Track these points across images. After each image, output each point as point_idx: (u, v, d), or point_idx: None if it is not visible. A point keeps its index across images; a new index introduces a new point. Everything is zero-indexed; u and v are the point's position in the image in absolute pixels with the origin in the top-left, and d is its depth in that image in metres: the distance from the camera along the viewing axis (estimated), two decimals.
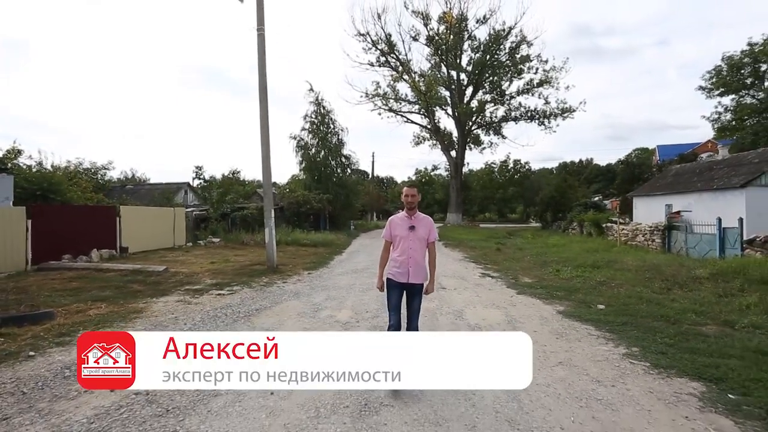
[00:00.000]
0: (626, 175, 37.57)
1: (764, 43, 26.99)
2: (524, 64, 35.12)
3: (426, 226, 3.81)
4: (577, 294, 7.72)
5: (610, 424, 2.99)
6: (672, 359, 4.24)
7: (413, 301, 3.80)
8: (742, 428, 2.91)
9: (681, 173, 23.82)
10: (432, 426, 2.95)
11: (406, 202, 3.78)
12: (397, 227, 3.80)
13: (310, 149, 29.90)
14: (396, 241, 3.79)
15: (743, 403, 3.26)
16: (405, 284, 3.75)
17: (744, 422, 2.99)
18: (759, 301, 6.29)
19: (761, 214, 15.59)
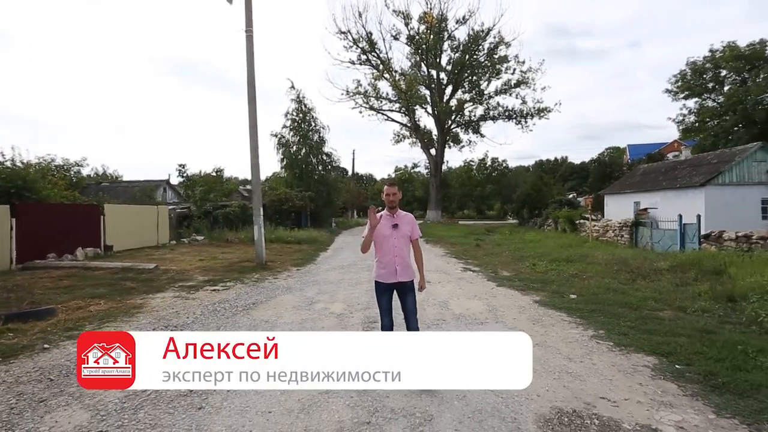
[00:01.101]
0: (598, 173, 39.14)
1: (724, 50, 28.58)
2: (502, 65, 36.08)
3: (408, 224, 3.79)
4: (551, 285, 8.36)
5: (578, 391, 3.53)
6: (632, 339, 4.85)
7: (407, 301, 3.72)
8: (684, 390, 3.50)
9: (648, 172, 25.09)
10: (417, 394, 3.40)
11: (387, 200, 3.73)
12: (381, 227, 3.70)
13: (292, 147, 30.02)
14: (379, 240, 3.71)
15: (686, 371, 3.86)
16: (394, 284, 3.69)
17: (685, 385, 3.59)
18: (709, 289, 7.04)
19: (718, 210, 16.81)
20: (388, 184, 3.79)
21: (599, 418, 3.06)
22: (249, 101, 11.24)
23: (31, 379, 3.84)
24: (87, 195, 22.75)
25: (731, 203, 17.22)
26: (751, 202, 17.28)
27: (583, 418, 3.07)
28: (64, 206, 14.24)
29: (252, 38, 11.14)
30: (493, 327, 5.56)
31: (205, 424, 3.00)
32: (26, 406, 3.30)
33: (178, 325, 5.62)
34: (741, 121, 27.52)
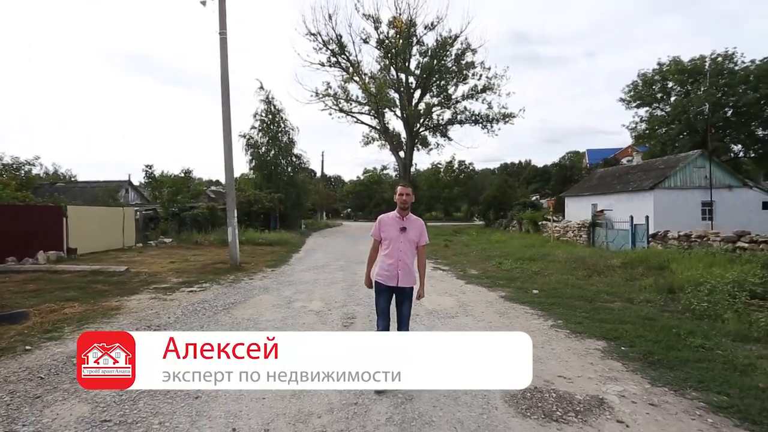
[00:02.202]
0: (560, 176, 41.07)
1: (670, 63, 30.78)
2: (469, 71, 37.13)
3: (417, 228, 3.70)
4: (516, 282, 8.96)
5: (539, 372, 3.98)
6: (586, 327, 5.42)
7: (403, 307, 3.70)
8: (627, 367, 4.06)
9: (604, 176, 26.67)
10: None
11: (400, 201, 3.63)
12: (388, 227, 3.66)
13: (260, 148, 29.80)
14: (386, 242, 3.65)
15: (630, 352, 4.44)
16: (394, 288, 3.63)
17: (628, 363, 4.15)
18: (653, 283, 7.81)
19: (665, 212, 18.21)
20: (402, 185, 3.70)
21: (556, 392, 3.53)
22: (223, 103, 11.28)
23: (20, 378, 3.91)
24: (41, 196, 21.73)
25: (676, 205, 18.70)
26: (692, 204, 18.83)
27: (543, 392, 3.53)
28: (24, 208, 13.71)
29: (226, 41, 11.19)
30: (463, 320, 6.01)
31: (204, 410, 3.24)
32: (22, 402, 3.41)
33: (160, 325, 5.72)
34: (685, 130, 29.72)
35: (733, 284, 6.50)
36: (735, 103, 28.36)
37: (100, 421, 3.06)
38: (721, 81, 28.78)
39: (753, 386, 3.48)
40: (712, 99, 27.97)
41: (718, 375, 3.74)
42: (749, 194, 19.25)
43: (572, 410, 3.23)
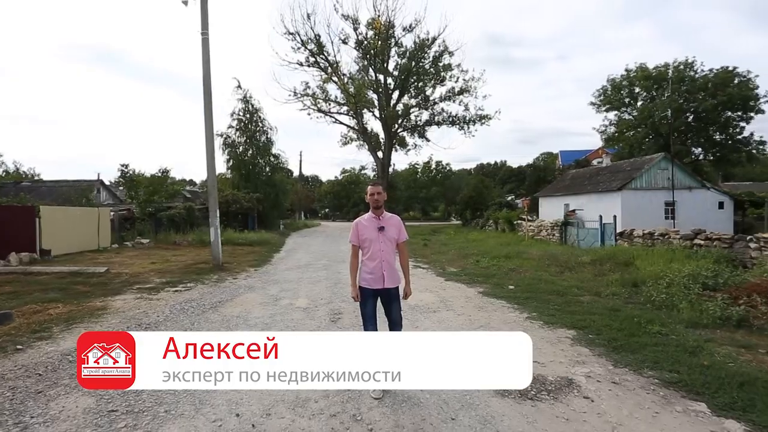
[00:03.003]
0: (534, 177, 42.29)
1: (636, 70, 32.24)
2: (446, 72, 37.78)
3: (395, 226, 3.64)
4: (493, 278, 9.39)
5: None
6: (557, 318, 5.86)
7: (392, 309, 3.62)
8: (593, 352, 4.48)
9: (576, 177, 27.71)
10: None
11: (372, 201, 3.55)
12: (365, 230, 3.57)
13: (238, 147, 29.57)
14: (365, 245, 3.56)
15: (596, 339, 4.87)
16: (380, 290, 3.55)
17: (594, 349, 4.58)
18: (619, 278, 8.37)
19: (632, 211, 19.18)
20: (372, 184, 3.63)
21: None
22: (205, 104, 11.30)
23: (18, 375, 3.99)
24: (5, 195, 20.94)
25: (642, 205, 19.72)
26: (656, 204, 19.90)
27: None
28: None
29: (208, 41, 11.22)
30: (444, 314, 6.35)
31: (207, 399, 3.44)
32: (25, 397, 3.52)
33: (150, 323, 5.83)
34: (650, 133, 31.19)
35: (688, 277, 7.09)
36: (695, 109, 29.99)
37: (108, 411, 3.23)
38: (682, 88, 30.36)
39: (699, 364, 3.94)
40: (674, 105, 29.47)
41: (671, 356, 4.20)
42: (707, 195, 20.48)
43: (545, 390, 3.60)
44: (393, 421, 3.07)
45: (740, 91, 28.47)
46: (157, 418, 3.12)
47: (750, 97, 28.44)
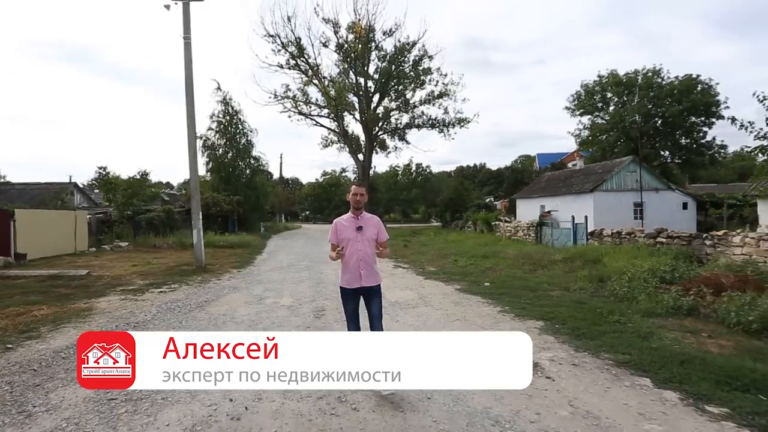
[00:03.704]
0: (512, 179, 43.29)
1: (608, 76, 33.55)
2: (426, 76, 38.36)
3: (374, 226, 3.70)
4: (470, 276, 9.82)
5: None
6: (528, 311, 6.29)
7: (372, 305, 3.66)
8: (558, 339, 4.90)
9: (552, 179, 28.63)
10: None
11: (354, 201, 3.63)
12: (344, 229, 3.64)
13: (218, 150, 29.43)
14: (343, 244, 3.62)
15: (562, 329, 5.31)
16: (359, 289, 3.62)
17: (559, 337, 5.01)
18: (588, 274, 8.90)
19: (603, 212, 20.02)
20: (356, 184, 3.71)
21: None
22: (187, 107, 11.39)
23: (13, 371, 4.13)
24: None
25: (612, 206, 20.59)
26: (626, 205, 20.84)
27: None
28: None
29: (190, 45, 11.33)
30: (423, 310, 6.70)
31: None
32: (24, 390, 3.69)
33: (139, 322, 5.98)
34: (621, 137, 32.45)
35: (648, 272, 7.66)
36: (663, 114, 31.40)
37: (107, 400, 3.44)
38: (651, 94, 31.77)
39: (649, 347, 4.40)
40: (643, 110, 30.81)
41: (626, 341, 4.66)
42: (672, 196, 21.55)
43: None
44: (375, 402, 3.38)
45: (703, 98, 30.00)
46: (155, 404, 3.35)
47: (712, 103, 29.99)
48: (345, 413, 3.19)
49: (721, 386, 3.44)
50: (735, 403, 3.17)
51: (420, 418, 3.11)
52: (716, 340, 4.70)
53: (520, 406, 3.28)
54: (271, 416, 3.15)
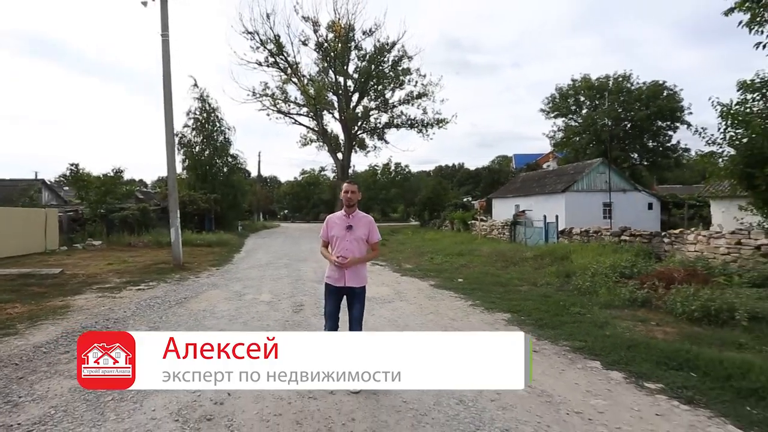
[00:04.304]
0: (489, 179, 44.21)
1: (581, 80, 34.69)
2: (405, 77, 38.76)
3: (365, 226, 3.62)
4: (444, 273, 10.18)
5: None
6: (497, 304, 6.67)
7: (353, 308, 3.62)
8: (522, 329, 5.27)
9: (526, 180, 29.45)
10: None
11: (345, 199, 3.56)
12: (335, 226, 3.59)
13: (194, 147, 29.05)
14: (333, 242, 3.59)
15: (527, 320, 5.70)
16: (343, 288, 3.56)
17: (524, 327, 5.39)
18: (555, 270, 9.39)
19: (574, 212, 20.80)
20: (348, 182, 3.64)
21: None
22: (165, 105, 11.34)
23: (7, 364, 4.19)
24: None
25: (583, 206, 21.44)
26: (596, 205, 21.71)
27: None
28: None
29: (168, 42, 11.27)
30: (398, 304, 6.99)
31: None
32: (7, 382, 3.76)
33: (119, 319, 6.04)
34: (593, 140, 33.64)
35: (609, 268, 8.16)
36: (632, 118, 32.72)
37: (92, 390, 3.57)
38: (621, 98, 33.05)
39: (603, 335, 4.82)
40: (613, 114, 32.04)
41: (583, 330, 5.07)
42: (639, 196, 22.59)
43: None
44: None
45: (668, 104, 31.45)
46: (141, 392, 3.51)
47: (676, 108, 31.47)
48: (322, 396, 3.43)
49: (660, 366, 3.86)
50: (669, 380, 3.58)
51: (391, 399, 3.38)
52: (662, 328, 5.16)
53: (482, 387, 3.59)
54: (252, 400, 3.37)
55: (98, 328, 5.44)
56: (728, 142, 8.89)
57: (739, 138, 8.63)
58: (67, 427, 2.94)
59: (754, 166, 8.30)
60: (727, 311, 5.22)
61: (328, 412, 3.17)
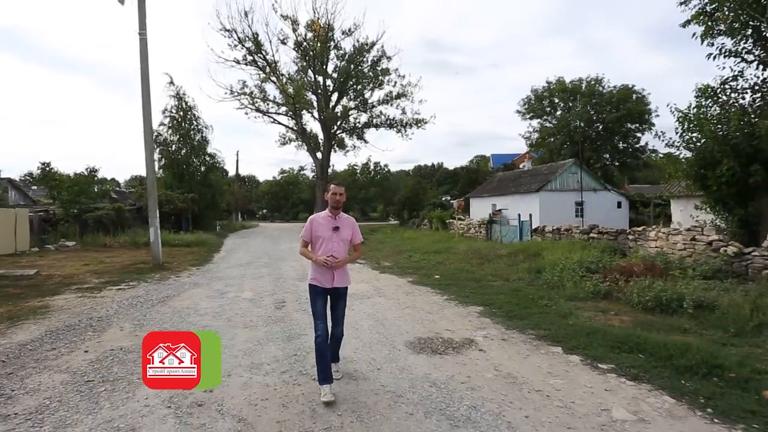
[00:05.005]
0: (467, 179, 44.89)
1: (556, 82, 35.74)
2: (384, 77, 39.05)
3: (350, 227, 3.66)
4: (422, 270, 10.53)
5: (432, 327, 5.39)
6: (471, 299, 7.04)
7: (338, 306, 3.68)
8: (493, 321, 5.65)
9: (503, 179, 30.19)
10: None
11: (333, 200, 3.57)
12: (320, 228, 3.58)
13: (171, 146, 28.63)
14: (317, 243, 3.57)
15: (498, 312, 6.08)
16: (330, 289, 3.60)
17: (495, 319, 5.77)
18: (527, 266, 9.86)
19: (548, 210, 21.54)
20: (336, 184, 3.66)
21: (442, 338, 4.93)
22: (143, 104, 11.29)
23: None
24: None
25: (556, 205, 22.22)
26: (568, 204, 22.54)
27: (433, 339, 4.91)
28: None
29: (146, 41, 11.22)
30: (377, 300, 7.27)
31: None
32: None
33: (102, 317, 6.11)
34: (567, 141, 34.75)
35: (576, 263, 8.67)
36: (603, 120, 33.95)
37: (84, 382, 3.73)
38: (593, 101, 34.24)
39: (566, 324, 5.24)
40: (585, 116, 33.18)
41: (549, 320, 5.48)
42: (608, 196, 23.55)
43: (451, 347, 4.63)
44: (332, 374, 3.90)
45: (637, 106, 32.79)
46: (132, 384, 3.69)
47: (644, 111, 32.84)
48: (306, 383, 3.69)
49: (613, 350, 4.28)
50: (620, 361, 4.00)
51: (371, 384, 3.66)
52: (620, 317, 5.62)
53: (454, 372, 3.92)
54: (240, 388, 3.59)
55: (82, 327, 5.52)
56: (684, 145, 9.54)
57: (694, 141, 9.28)
58: (64, 415, 3.10)
59: (707, 168, 8.95)
60: (676, 301, 5.72)
61: (312, 396, 3.43)
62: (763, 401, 3.11)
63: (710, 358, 3.80)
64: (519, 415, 3.08)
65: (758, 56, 8.68)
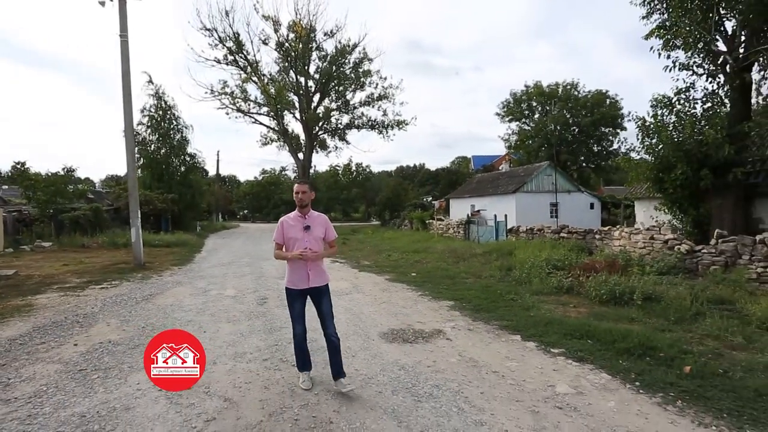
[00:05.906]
0: (447, 180, 45.68)
1: (534, 86, 36.76)
2: (366, 79, 39.43)
3: (321, 225, 3.62)
4: (400, 269, 10.94)
5: (405, 320, 5.79)
6: (444, 294, 7.47)
7: (322, 305, 3.58)
8: (462, 314, 6.09)
9: (482, 181, 30.91)
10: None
11: (297, 200, 3.53)
12: (291, 228, 3.54)
13: (150, 145, 28.37)
14: (290, 244, 3.52)
15: (467, 306, 6.52)
16: (307, 290, 3.53)
17: (463, 311, 6.20)
18: (500, 264, 10.37)
19: (524, 211, 22.26)
20: (298, 182, 3.61)
21: (413, 329, 5.34)
22: (125, 104, 11.36)
23: None
24: None
25: (532, 206, 22.97)
26: (543, 205, 23.33)
27: (405, 330, 5.31)
28: None
29: (127, 43, 11.30)
30: (356, 296, 7.64)
31: None
32: None
33: (87, 314, 6.29)
34: (544, 143, 35.77)
35: (544, 261, 9.21)
36: (579, 123, 35.10)
37: (78, 371, 3.98)
38: (569, 105, 35.36)
39: (528, 315, 5.72)
40: (561, 120, 34.24)
41: (513, 312, 5.95)
42: (582, 197, 24.47)
43: (421, 337, 5.04)
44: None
45: (610, 111, 34.04)
46: (123, 371, 3.96)
47: (617, 116, 34.11)
48: (286, 369, 4.03)
49: (567, 337, 4.75)
50: (570, 346, 4.47)
51: (345, 369, 4.00)
52: (577, 309, 6.14)
53: (422, 358, 4.32)
54: (225, 374, 3.91)
55: (69, 323, 5.72)
56: (645, 150, 10.22)
57: (653, 147, 9.95)
58: (62, 398, 3.37)
59: (664, 172, 9.63)
60: (628, 294, 6.28)
61: (291, 379, 3.78)
62: (683, 375, 3.62)
63: (647, 341, 4.32)
64: (476, 391, 3.49)
65: (707, 69, 9.40)
